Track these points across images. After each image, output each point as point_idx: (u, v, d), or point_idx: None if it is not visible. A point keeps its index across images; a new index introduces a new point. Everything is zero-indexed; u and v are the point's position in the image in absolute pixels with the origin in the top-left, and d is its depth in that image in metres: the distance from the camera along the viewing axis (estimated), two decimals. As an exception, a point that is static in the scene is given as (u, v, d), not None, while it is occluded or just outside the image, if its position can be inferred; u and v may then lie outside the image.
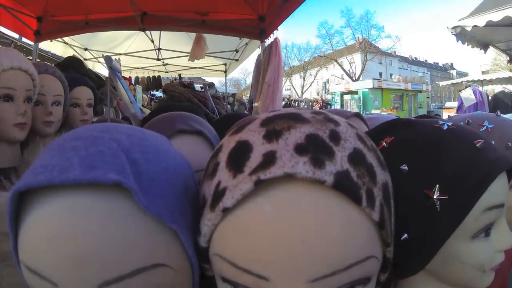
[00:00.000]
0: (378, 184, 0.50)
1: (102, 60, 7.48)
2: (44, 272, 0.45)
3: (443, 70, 73.23)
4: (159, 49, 7.04)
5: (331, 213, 0.45)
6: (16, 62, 1.41)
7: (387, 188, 0.53)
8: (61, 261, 0.44)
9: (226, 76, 9.43)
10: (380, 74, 52.16)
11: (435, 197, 0.63)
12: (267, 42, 4.89)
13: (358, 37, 49.43)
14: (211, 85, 6.33)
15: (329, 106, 29.51)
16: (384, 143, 0.73)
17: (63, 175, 0.44)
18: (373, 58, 49.17)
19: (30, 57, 4.86)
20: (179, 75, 9.66)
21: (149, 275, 0.48)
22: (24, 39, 6.25)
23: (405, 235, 0.64)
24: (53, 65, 2.06)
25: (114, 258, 0.45)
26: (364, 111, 23.46)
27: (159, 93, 11.49)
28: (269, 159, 0.46)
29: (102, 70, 7.12)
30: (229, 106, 11.75)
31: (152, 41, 6.44)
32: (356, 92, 28.10)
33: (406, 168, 0.67)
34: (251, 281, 0.47)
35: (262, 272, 0.46)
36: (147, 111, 4.16)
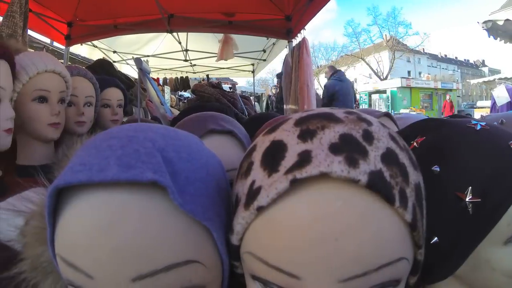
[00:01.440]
0: (411, 184, 0.49)
1: (130, 62, 7.62)
2: (80, 265, 0.47)
3: (474, 68, 71.21)
4: (186, 50, 7.10)
5: (365, 212, 0.45)
6: (50, 65, 1.47)
7: (419, 189, 0.52)
8: (97, 254, 0.46)
9: (254, 76, 9.45)
10: (409, 72, 51.06)
11: (467, 199, 0.62)
12: (295, 41, 4.88)
13: (386, 34, 48.36)
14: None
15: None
16: (415, 144, 0.72)
17: (102, 174, 0.46)
18: (401, 56, 47.92)
19: (62, 61, 4.97)
20: (207, 75, 9.72)
21: (182, 270, 0.49)
22: (55, 43, 6.40)
23: (435, 238, 0.63)
24: (84, 67, 2.11)
25: (149, 253, 0.46)
26: (392, 110, 23.06)
27: (187, 94, 11.60)
28: (304, 159, 0.46)
29: (129, 71, 7.24)
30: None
31: (180, 43, 6.51)
32: (384, 91, 27.58)
33: (437, 169, 0.65)
34: (282, 279, 0.48)
35: (294, 271, 0.46)
36: (175, 112, 4.21)
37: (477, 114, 14.17)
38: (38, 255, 0.60)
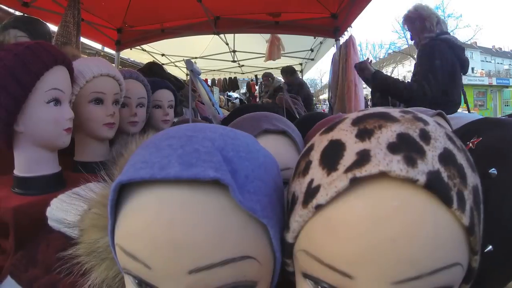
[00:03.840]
0: (469, 186, 0.48)
1: (178, 64, 7.78)
2: (139, 256, 0.49)
3: (533, 61, 67.20)
4: (234, 51, 7.21)
5: (422, 213, 0.44)
6: (105, 69, 1.55)
7: (477, 192, 0.50)
8: (156, 247, 0.47)
9: (302, 76, 9.41)
10: (460, 68, 48.96)
11: None
12: (342, 40, 4.83)
13: None
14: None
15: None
16: (470, 145, 0.69)
17: (164, 171, 0.48)
18: (452, 51, 46.03)
19: (113, 65, 5.19)
20: (255, 75, 9.79)
21: (237, 265, 0.50)
22: (106, 49, 6.67)
23: (490, 247, 0.60)
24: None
25: (207, 248, 0.47)
26: (442, 109, 21.90)
27: (235, 94, 11.69)
28: (363, 158, 0.46)
29: (177, 73, 7.42)
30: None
31: (227, 44, 6.61)
32: None
33: (494, 172, 0.62)
34: (334, 278, 0.48)
35: (348, 270, 0.46)
36: (225, 112, 4.27)
37: (536, 112, 13.35)
38: (94, 241, 0.64)
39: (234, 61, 7.84)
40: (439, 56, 2.91)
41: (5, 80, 1.18)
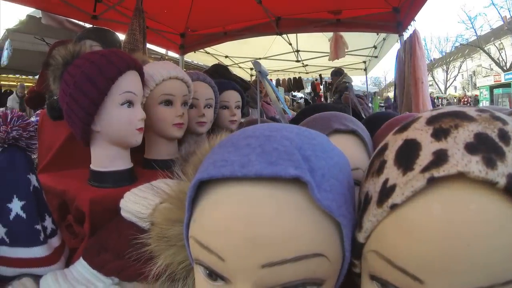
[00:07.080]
0: None
1: (242, 65, 7.89)
2: (214, 248, 0.51)
3: None
4: (297, 51, 7.22)
5: (499, 218, 0.42)
6: (174, 72, 1.64)
7: None
8: (233, 241, 0.49)
9: (366, 74, 9.25)
10: (538, 59, 44.85)
11: None
12: (405, 35, 4.69)
13: (506, 16, 41.78)
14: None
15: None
16: None
17: (245, 169, 0.49)
18: (527, 40, 41.94)
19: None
20: (320, 75, 9.71)
21: (309, 262, 0.50)
22: (170, 53, 6.91)
23: None
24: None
25: (282, 244, 0.49)
26: (519, 107, 20.08)
27: (300, 94, 11.65)
28: (441, 157, 0.44)
29: (241, 74, 7.51)
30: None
31: (290, 44, 6.64)
32: (508, 85, 24.01)
33: None
34: (404, 281, 0.47)
35: (419, 274, 0.45)
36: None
37: None
38: (163, 229, 0.67)
39: (298, 61, 7.85)
40: None
41: (83, 85, 1.29)
